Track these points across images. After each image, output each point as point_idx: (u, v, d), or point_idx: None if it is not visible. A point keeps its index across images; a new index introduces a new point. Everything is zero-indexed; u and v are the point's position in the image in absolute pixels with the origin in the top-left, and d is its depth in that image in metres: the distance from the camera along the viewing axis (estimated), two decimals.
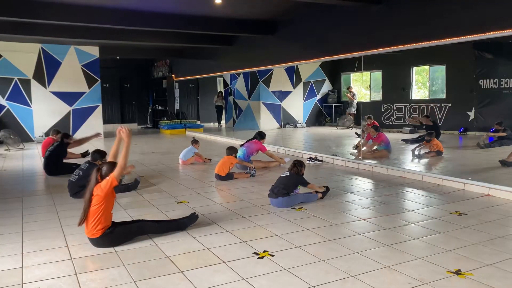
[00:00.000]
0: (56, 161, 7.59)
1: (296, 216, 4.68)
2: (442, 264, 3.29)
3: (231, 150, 7.06)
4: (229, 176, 6.79)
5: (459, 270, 3.17)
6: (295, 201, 5.15)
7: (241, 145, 7.84)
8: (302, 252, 3.61)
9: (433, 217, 4.61)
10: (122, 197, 5.61)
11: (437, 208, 4.98)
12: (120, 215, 4.54)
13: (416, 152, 8.56)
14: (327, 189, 5.56)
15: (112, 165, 3.87)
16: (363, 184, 6.51)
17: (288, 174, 5.24)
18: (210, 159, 8.63)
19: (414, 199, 5.50)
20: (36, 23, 9.38)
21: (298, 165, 5.29)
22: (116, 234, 3.79)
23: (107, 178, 3.74)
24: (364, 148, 8.91)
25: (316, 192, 5.39)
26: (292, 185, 5.14)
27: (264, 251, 3.62)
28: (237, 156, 7.15)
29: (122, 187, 5.95)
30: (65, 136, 8.13)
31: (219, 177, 6.77)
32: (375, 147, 8.85)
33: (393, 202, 5.34)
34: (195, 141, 8.67)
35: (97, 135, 8.84)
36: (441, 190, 5.91)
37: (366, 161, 7.94)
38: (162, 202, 5.43)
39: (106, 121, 18.46)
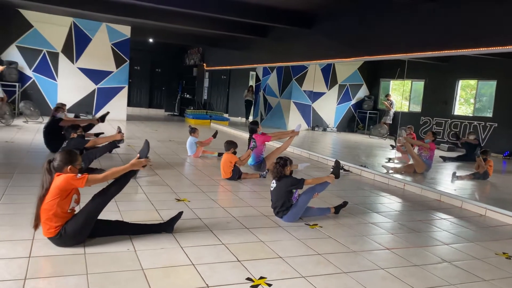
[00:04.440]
0: (50, 137, 6.88)
1: (308, 235, 3.95)
2: None
3: (230, 145, 6.15)
4: (234, 176, 6.03)
5: None
6: (302, 206, 4.27)
7: (251, 149, 6.75)
8: (307, 285, 2.89)
9: (474, 256, 3.78)
10: None
11: (480, 245, 4.13)
12: (109, 207, 3.90)
13: (458, 174, 7.61)
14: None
15: (68, 154, 3.21)
16: (391, 204, 5.69)
17: (275, 184, 4.31)
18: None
19: (451, 229, 4.65)
20: None
21: (279, 165, 4.23)
22: (68, 233, 3.11)
23: (78, 176, 3.10)
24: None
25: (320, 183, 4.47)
26: (286, 195, 4.23)
27: (261, 278, 2.92)
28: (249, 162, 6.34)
29: (108, 146, 5.99)
30: (55, 109, 7.16)
31: (227, 178, 6.08)
32: (416, 150, 7.99)
33: (425, 230, 4.52)
34: (192, 130, 7.80)
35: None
36: (484, 222, 5.03)
37: (398, 176, 7.09)
38: (160, 197, 4.81)
39: (133, 104, 18.26)
